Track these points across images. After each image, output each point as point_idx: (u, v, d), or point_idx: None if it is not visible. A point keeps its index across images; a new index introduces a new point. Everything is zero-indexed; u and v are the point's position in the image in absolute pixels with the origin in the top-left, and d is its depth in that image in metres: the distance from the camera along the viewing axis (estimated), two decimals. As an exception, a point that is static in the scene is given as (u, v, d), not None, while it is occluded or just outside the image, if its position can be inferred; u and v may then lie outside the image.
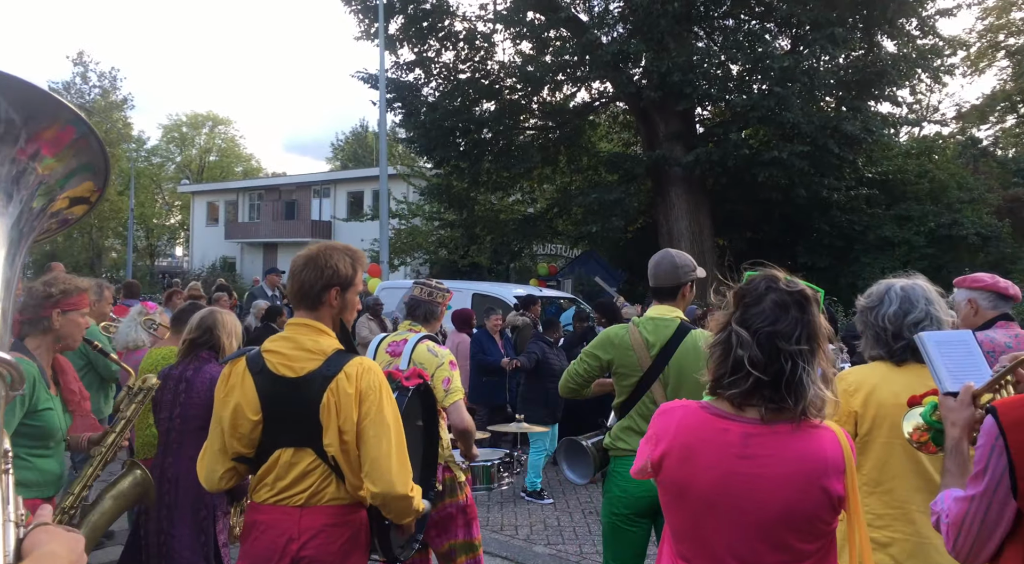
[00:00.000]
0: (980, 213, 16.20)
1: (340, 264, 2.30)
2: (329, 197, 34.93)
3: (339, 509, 2.25)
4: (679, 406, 1.79)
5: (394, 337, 3.57)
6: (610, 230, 16.59)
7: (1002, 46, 29.46)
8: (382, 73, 16.21)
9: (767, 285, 1.72)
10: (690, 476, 1.70)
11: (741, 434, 1.67)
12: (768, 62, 14.05)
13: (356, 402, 2.19)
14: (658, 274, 3.27)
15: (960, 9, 16.83)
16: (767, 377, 1.63)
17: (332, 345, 2.29)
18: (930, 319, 2.44)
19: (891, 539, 2.36)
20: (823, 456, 1.64)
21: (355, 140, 49.51)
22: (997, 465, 1.41)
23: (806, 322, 1.67)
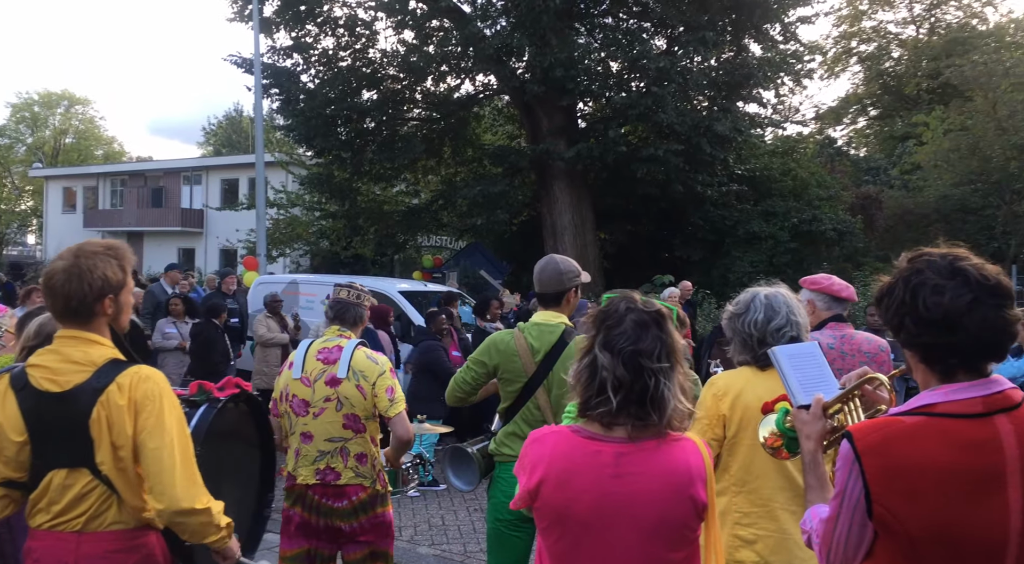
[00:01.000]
0: (836, 210, 17.40)
1: (108, 271, 2.10)
2: (201, 184, 33.18)
3: (122, 534, 2.07)
4: (550, 432, 1.84)
5: (324, 343, 3.38)
6: (495, 223, 16.67)
7: (855, 52, 31.76)
8: (256, 58, 15.53)
9: (626, 306, 1.81)
10: (568, 501, 1.73)
11: (613, 454, 1.73)
12: (645, 62, 14.49)
13: (131, 414, 2.02)
14: (542, 280, 3.29)
15: (818, 17, 18.00)
16: (633, 395, 1.71)
17: (104, 355, 2.10)
18: (791, 325, 2.59)
19: (756, 536, 2.49)
20: (688, 467, 1.74)
21: (229, 125, 47.26)
22: (854, 489, 1.46)
23: (664, 340, 1.76)
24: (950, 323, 1.44)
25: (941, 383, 1.49)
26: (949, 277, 1.46)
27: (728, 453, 2.56)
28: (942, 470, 1.40)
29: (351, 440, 3.27)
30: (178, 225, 32.17)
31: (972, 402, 1.45)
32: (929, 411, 1.47)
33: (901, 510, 1.41)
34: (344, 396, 3.25)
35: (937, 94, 25.72)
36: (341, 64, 17.34)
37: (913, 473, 1.41)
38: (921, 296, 1.47)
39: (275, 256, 20.94)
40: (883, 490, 1.42)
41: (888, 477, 1.42)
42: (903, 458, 1.41)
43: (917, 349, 1.52)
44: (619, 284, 16.35)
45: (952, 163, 19.48)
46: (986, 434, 1.43)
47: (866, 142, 32.08)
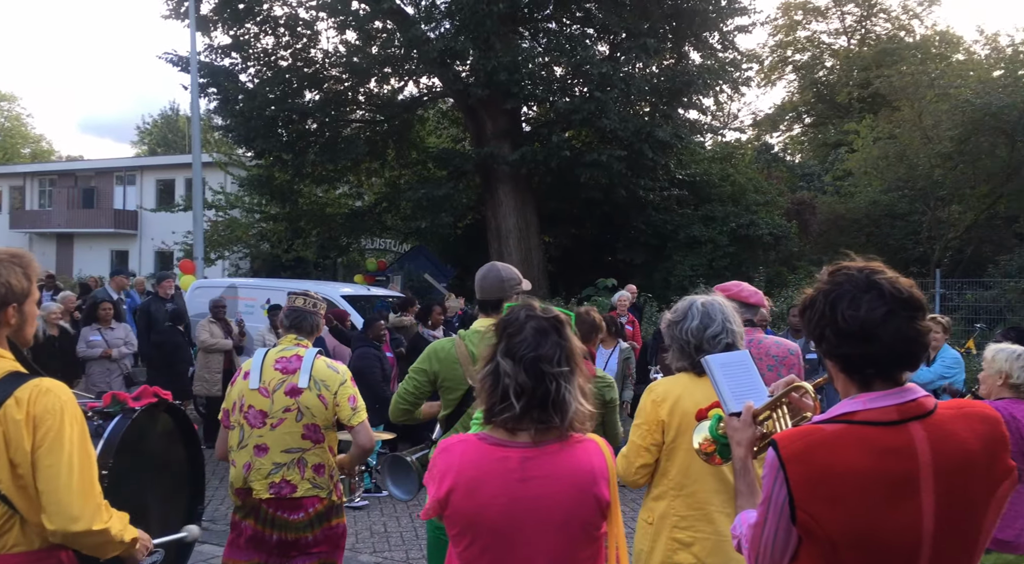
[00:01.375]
0: (773, 215, 17.86)
1: (12, 278, 2.01)
2: (135, 185, 32.17)
3: (28, 556, 1.96)
4: (458, 441, 1.87)
5: (281, 352, 3.31)
6: (439, 226, 16.60)
7: (790, 61, 32.72)
8: (193, 56, 15.14)
9: (526, 314, 1.87)
10: (478, 508, 1.77)
11: (519, 459, 1.78)
12: (588, 67, 14.64)
13: (28, 429, 1.91)
14: (484, 287, 3.30)
15: (755, 26, 18.48)
16: (535, 400, 1.77)
17: (2, 367, 2.00)
18: (727, 333, 2.66)
19: (694, 538, 2.54)
20: (591, 467, 1.81)
21: (165, 124, 45.95)
22: (779, 495, 1.50)
23: (563, 345, 1.83)
24: (866, 334, 1.50)
25: (860, 392, 1.55)
26: (865, 290, 1.52)
27: (667, 458, 2.61)
28: (861, 476, 1.45)
29: (309, 450, 3.23)
30: (111, 226, 31.13)
31: (888, 410, 1.50)
32: (849, 419, 1.52)
33: (823, 515, 1.45)
34: (305, 406, 3.21)
35: (867, 103, 26.67)
36: (282, 63, 17.04)
37: (834, 479, 1.45)
38: (839, 309, 1.52)
39: (213, 259, 20.45)
40: (806, 496, 1.46)
41: (811, 484, 1.46)
42: (825, 465, 1.46)
43: (837, 359, 1.57)
44: (563, 287, 16.51)
45: (881, 170, 20.22)
46: (901, 441, 1.49)
47: (801, 149, 33.06)
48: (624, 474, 2.73)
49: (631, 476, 2.70)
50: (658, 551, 2.59)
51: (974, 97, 16.80)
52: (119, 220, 31.36)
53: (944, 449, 1.48)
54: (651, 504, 2.67)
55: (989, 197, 18.52)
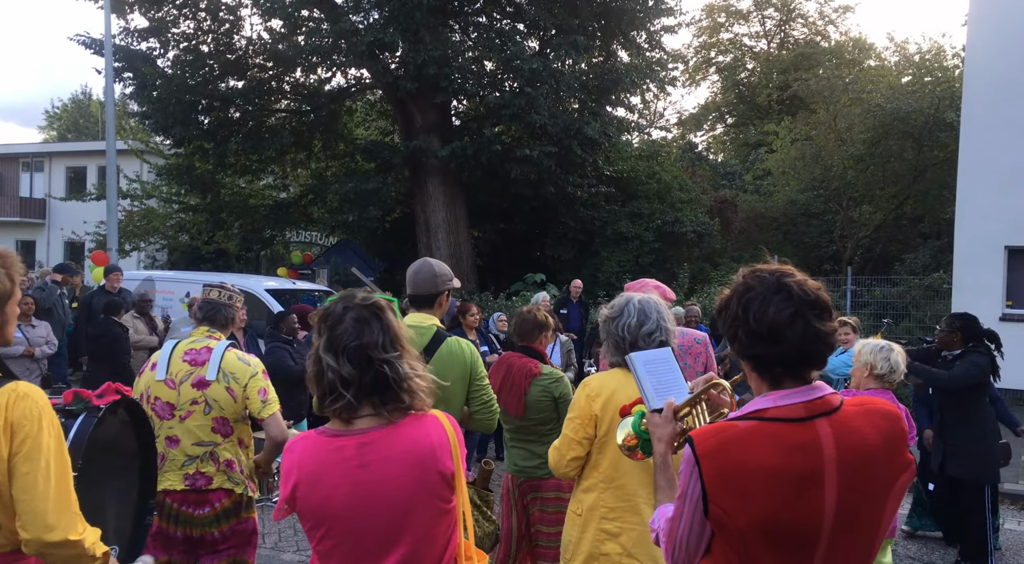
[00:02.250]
0: (696, 212, 18.33)
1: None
2: (43, 171, 30.53)
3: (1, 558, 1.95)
4: (299, 439, 1.90)
5: (191, 344, 3.26)
6: (367, 219, 16.37)
7: (713, 62, 33.60)
8: (108, 38, 14.45)
9: (344, 305, 1.87)
10: (322, 500, 1.79)
11: (356, 446, 1.80)
12: (518, 62, 14.68)
13: (6, 435, 1.88)
14: (417, 282, 3.27)
15: (680, 27, 18.89)
16: (366, 387, 1.79)
17: None
18: (661, 330, 2.71)
19: (621, 529, 2.60)
20: (430, 442, 1.82)
21: (76, 108, 43.79)
22: (694, 491, 1.56)
23: (387, 329, 1.84)
24: (774, 335, 1.56)
25: (771, 390, 1.61)
26: (775, 292, 1.58)
27: (598, 451, 2.66)
28: (770, 471, 1.51)
29: (220, 445, 3.22)
30: (16, 215, 29.49)
31: (796, 407, 1.57)
32: (760, 416, 1.58)
33: (733, 508, 1.51)
34: (213, 399, 3.18)
35: (786, 105, 27.67)
36: (203, 49, 16.48)
37: (745, 475, 1.51)
38: (751, 310, 1.58)
39: (128, 250, 19.61)
40: (718, 491, 1.52)
41: (723, 479, 1.52)
42: (736, 461, 1.52)
43: (749, 359, 1.63)
44: (492, 282, 16.55)
45: (798, 170, 21.03)
46: (808, 437, 1.55)
47: (723, 148, 34.03)
48: (555, 466, 2.77)
49: (562, 468, 2.74)
50: (586, 541, 2.64)
51: (885, 102, 17.63)
52: (25, 208, 29.75)
53: (847, 444, 1.55)
54: (580, 496, 2.71)
55: (897, 198, 19.49)
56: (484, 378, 3.21)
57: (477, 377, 3.17)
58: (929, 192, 18.55)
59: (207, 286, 3.53)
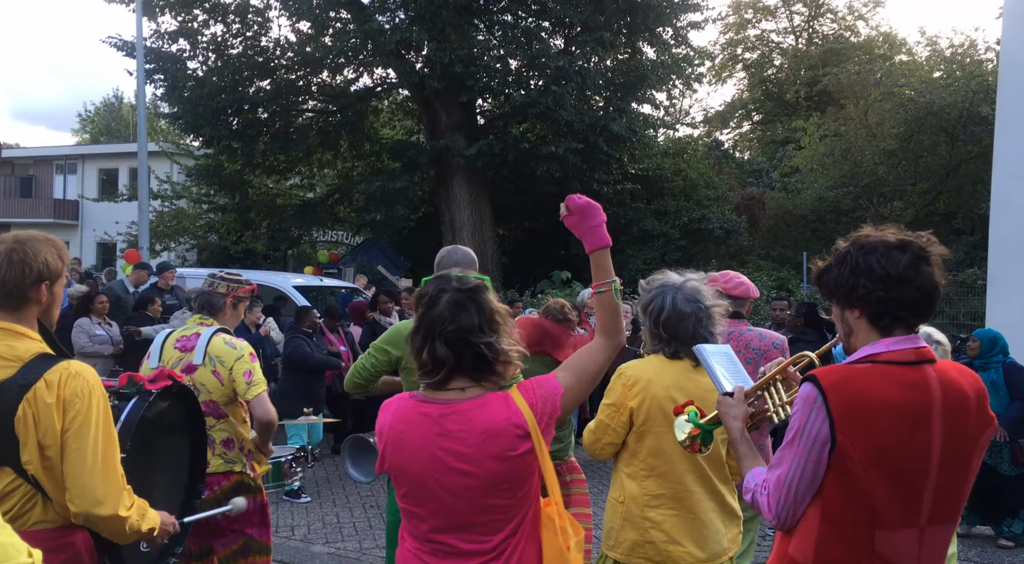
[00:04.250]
0: (723, 209, 18.17)
1: (49, 257, 2.08)
2: (76, 174, 31.08)
3: (48, 533, 1.99)
4: (395, 399, 1.98)
5: (183, 332, 3.37)
6: (394, 219, 16.45)
7: (740, 59, 33.27)
8: (139, 41, 14.69)
9: (439, 287, 1.92)
10: (403, 461, 1.88)
11: (438, 414, 1.86)
12: (544, 60, 14.65)
13: (59, 412, 1.97)
14: (441, 267, 3.27)
15: (707, 23, 18.74)
16: (467, 362, 1.86)
17: (32, 349, 2.03)
18: (706, 317, 2.65)
19: (665, 516, 2.58)
20: (508, 418, 1.85)
21: (107, 112, 44.54)
22: (814, 423, 1.68)
23: (483, 311, 1.88)
24: (901, 278, 1.70)
25: (881, 337, 1.75)
26: (895, 246, 1.74)
27: (636, 440, 2.64)
28: (890, 404, 1.66)
29: (214, 427, 3.27)
30: (50, 217, 30.05)
31: (907, 352, 1.73)
32: (874, 359, 1.73)
33: (858, 437, 1.65)
34: (200, 383, 3.25)
35: (814, 101, 27.31)
36: (232, 52, 16.66)
37: (868, 406, 1.66)
38: (875, 257, 1.73)
39: (159, 250, 19.90)
40: (845, 420, 1.65)
41: (849, 409, 1.66)
42: (861, 392, 1.67)
43: (868, 305, 1.74)
44: (517, 280, 16.52)
45: (827, 167, 20.73)
46: (919, 377, 1.70)
47: (750, 145, 33.68)
48: (590, 448, 2.76)
49: (596, 451, 2.74)
50: (628, 529, 2.61)
51: (917, 96, 17.33)
52: (59, 210, 30.31)
53: (950, 389, 1.71)
54: (622, 482, 2.68)
55: (929, 194, 19.15)
56: None
57: None
58: (963, 187, 18.20)
59: (208, 276, 3.61)
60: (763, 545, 5.10)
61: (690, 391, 2.56)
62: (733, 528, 2.66)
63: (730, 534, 2.64)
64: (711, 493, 2.61)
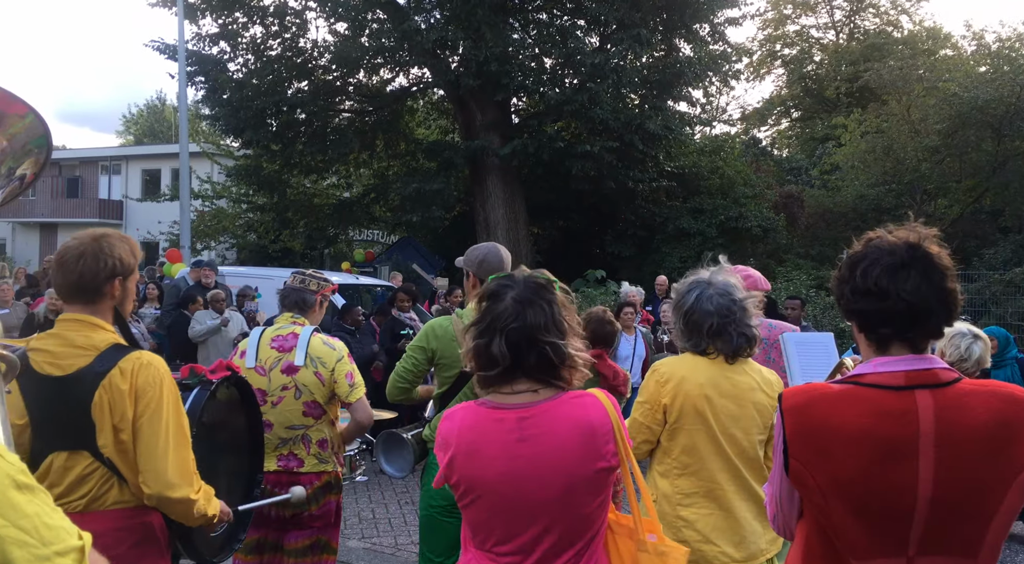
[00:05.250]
0: (761, 207, 17.91)
1: (123, 253, 2.20)
2: (120, 174, 31.87)
3: (125, 512, 2.13)
4: (460, 408, 1.89)
5: (278, 331, 3.35)
6: (430, 219, 16.55)
7: (779, 55, 32.77)
8: (181, 44, 14.99)
9: (502, 283, 1.85)
10: (479, 470, 1.79)
11: (515, 419, 1.78)
12: (579, 58, 14.60)
13: (132, 399, 2.09)
14: (487, 265, 3.24)
15: (745, 19, 18.45)
16: (527, 366, 1.77)
17: (107, 340, 2.15)
18: (740, 311, 2.60)
19: (698, 515, 2.55)
20: (589, 421, 1.78)
21: (151, 113, 45.51)
22: (777, 443, 1.60)
23: (550, 311, 1.81)
24: (881, 290, 1.52)
25: (875, 355, 1.59)
26: (887, 252, 1.56)
27: (669, 438, 2.61)
28: (854, 433, 1.51)
29: (312, 427, 3.29)
30: (96, 216, 30.81)
31: (896, 375, 1.53)
32: (856, 380, 1.57)
33: (812, 463, 1.53)
34: (303, 384, 3.25)
35: (855, 97, 26.77)
36: (271, 53, 16.91)
37: (827, 433, 1.53)
38: (859, 268, 1.57)
39: (199, 249, 20.29)
40: (797, 446, 1.55)
41: (803, 435, 1.55)
42: (820, 419, 1.54)
43: (853, 317, 1.61)
44: (552, 279, 16.48)
45: (868, 164, 20.31)
46: (904, 405, 1.50)
47: (788, 143, 33.15)
48: None
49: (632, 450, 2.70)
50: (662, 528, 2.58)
51: (962, 91, 16.89)
52: (104, 210, 31.08)
53: (950, 419, 1.48)
54: (654, 481, 2.66)
55: (975, 191, 18.65)
56: None
57: None
58: (1009, 184, 17.68)
59: (293, 272, 3.60)
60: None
61: (724, 389, 2.53)
62: (771, 531, 2.61)
63: (768, 535, 2.59)
64: (748, 493, 2.57)
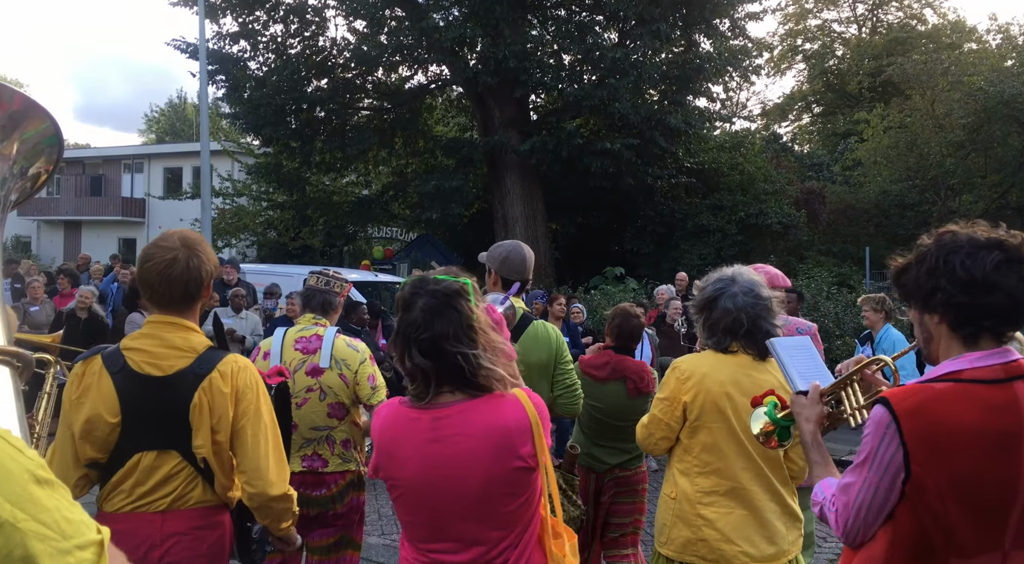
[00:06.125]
0: (781, 204, 17.75)
1: (214, 258, 2.23)
2: (143, 172, 32.21)
3: (205, 511, 2.15)
4: (385, 406, 1.90)
5: (301, 332, 3.34)
6: (449, 216, 16.57)
7: (800, 50, 32.45)
8: (202, 43, 15.09)
9: (413, 292, 1.79)
10: (397, 470, 1.80)
11: (431, 419, 1.76)
12: (598, 54, 14.53)
13: (232, 401, 2.12)
14: (511, 264, 3.20)
15: (765, 14, 18.33)
16: (442, 375, 1.75)
17: (203, 342, 2.19)
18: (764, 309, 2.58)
19: (718, 514, 2.52)
20: (504, 422, 1.74)
21: (172, 112, 45.97)
22: (887, 451, 1.55)
23: (459, 319, 1.75)
24: (986, 283, 1.52)
25: (964, 350, 1.59)
26: (983, 246, 1.56)
27: (689, 436, 2.59)
28: (972, 431, 1.51)
29: (336, 428, 3.30)
30: (119, 214, 31.21)
31: (994, 369, 1.55)
32: (956, 378, 1.56)
33: (935, 468, 1.51)
34: (328, 385, 3.26)
35: (878, 92, 26.46)
36: (290, 52, 16.99)
37: (947, 433, 1.51)
38: (957, 259, 1.55)
39: (220, 247, 20.47)
40: (920, 449, 1.52)
41: (925, 438, 1.52)
42: (937, 420, 1.52)
43: (949, 311, 1.58)
44: (570, 276, 16.46)
45: (891, 160, 20.06)
46: (1006, 398, 1.53)
47: (810, 139, 32.84)
48: (643, 443, 2.73)
49: (650, 447, 2.71)
50: (681, 526, 2.57)
51: (987, 85, 16.63)
52: (127, 208, 31.43)
53: None
54: (675, 478, 2.65)
55: (1000, 186, 18.37)
56: (569, 363, 3.18)
57: (562, 361, 3.14)
58: (1036, 180, 17.42)
59: (311, 272, 3.59)
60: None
61: (746, 387, 2.50)
62: (794, 530, 2.58)
63: (791, 536, 2.57)
64: (770, 493, 2.54)
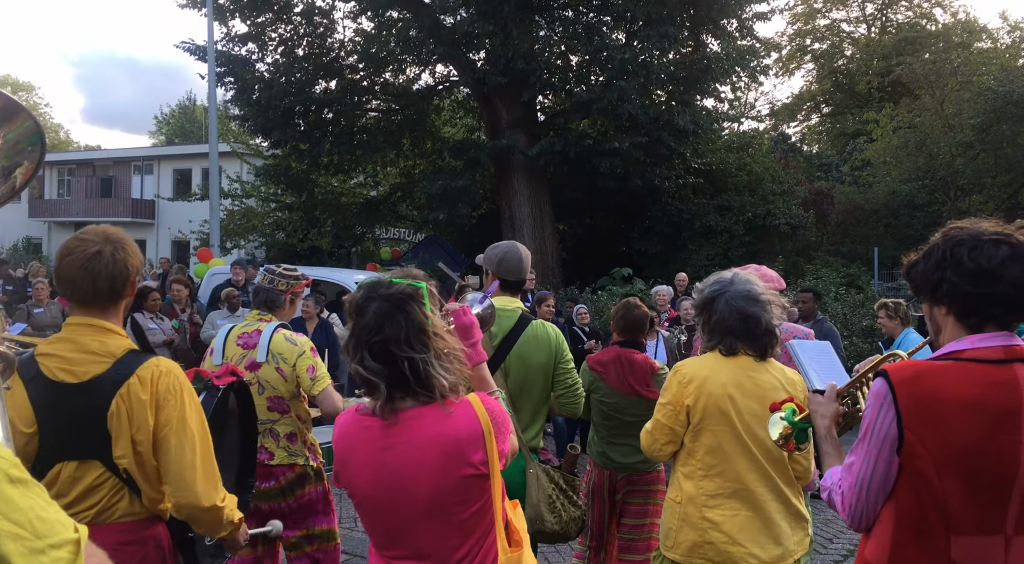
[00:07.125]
0: (790, 204, 17.69)
1: (136, 253, 2.13)
2: (152, 174, 32.39)
3: (132, 525, 2.04)
4: (344, 415, 1.88)
5: (243, 328, 3.44)
6: (456, 217, 16.58)
7: (809, 50, 32.35)
8: (211, 45, 15.18)
9: (367, 295, 1.78)
10: (352, 479, 1.79)
11: (381, 427, 1.76)
12: (606, 54, 14.52)
13: (152, 408, 1.99)
14: (508, 265, 3.24)
15: (774, 14, 18.24)
16: (393, 379, 1.72)
17: (122, 345, 2.05)
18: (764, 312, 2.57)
19: (724, 516, 2.52)
20: (454, 430, 1.73)
21: (182, 114, 46.20)
22: (884, 420, 1.61)
23: (410, 323, 1.73)
24: (992, 274, 1.58)
25: (969, 335, 1.64)
26: (988, 240, 1.62)
27: (693, 439, 2.59)
28: (966, 402, 1.55)
29: (278, 422, 3.37)
30: (128, 216, 31.36)
31: (995, 349, 1.60)
32: (956, 356, 1.62)
33: (928, 437, 1.56)
34: (265, 379, 3.33)
35: (887, 92, 26.34)
36: (298, 53, 17.05)
37: (941, 403, 1.56)
38: (962, 252, 1.62)
39: (229, 248, 20.56)
40: (914, 417, 1.57)
41: (919, 406, 1.57)
42: (933, 389, 1.58)
43: (956, 301, 1.64)
44: (577, 277, 16.44)
45: (900, 160, 19.98)
46: (1006, 376, 1.58)
47: (818, 139, 32.72)
48: (648, 449, 2.72)
49: (655, 452, 2.69)
50: (687, 530, 2.57)
51: (997, 85, 16.54)
52: (136, 209, 31.60)
53: None
54: (679, 482, 2.64)
55: (1011, 186, 18.26)
56: (570, 362, 3.19)
57: (562, 361, 3.15)
58: (1047, 180, 17.31)
59: (262, 271, 3.64)
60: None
61: (747, 388, 2.50)
62: (799, 531, 2.58)
63: (796, 536, 2.57)
64: (775, 494, 2.54)
